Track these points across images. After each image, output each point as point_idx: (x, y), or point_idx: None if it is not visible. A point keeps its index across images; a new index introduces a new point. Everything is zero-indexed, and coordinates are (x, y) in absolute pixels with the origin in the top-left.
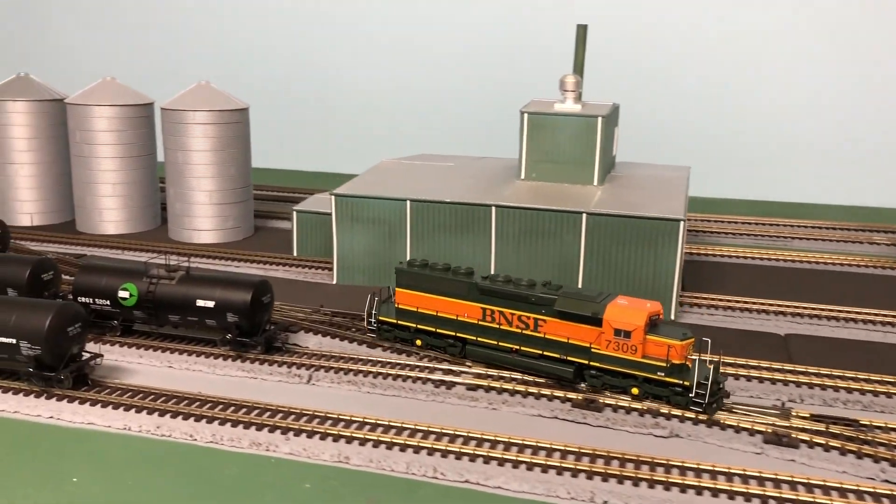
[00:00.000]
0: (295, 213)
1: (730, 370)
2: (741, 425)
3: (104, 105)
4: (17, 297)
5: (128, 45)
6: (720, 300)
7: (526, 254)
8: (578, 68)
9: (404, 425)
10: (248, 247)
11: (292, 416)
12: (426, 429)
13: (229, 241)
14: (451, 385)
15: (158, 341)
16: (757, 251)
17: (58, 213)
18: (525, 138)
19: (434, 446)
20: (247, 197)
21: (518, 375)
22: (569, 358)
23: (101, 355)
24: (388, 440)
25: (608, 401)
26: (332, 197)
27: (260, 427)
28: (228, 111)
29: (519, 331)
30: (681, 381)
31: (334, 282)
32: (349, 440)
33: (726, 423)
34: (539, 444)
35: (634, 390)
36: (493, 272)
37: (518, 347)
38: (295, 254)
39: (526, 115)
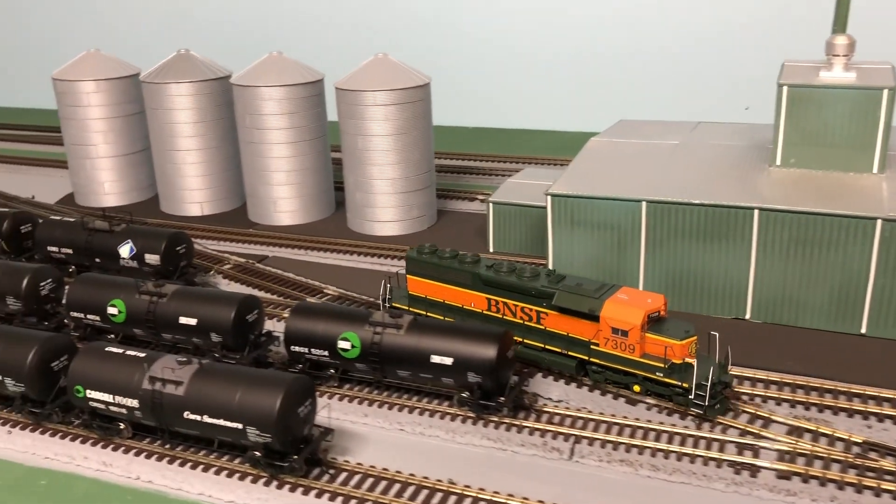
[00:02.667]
0: (490, 204)
1: None
2: None
3: (273, 86)
4: (241, 368)
5: (289, 15)
6: None
7: (796, 268)
8: (841, 23)
9: None
10: (436, 239)
11: None
12: None
13: (413, 231)
14: (755, 471)
15: (385, 395)
16: None
17: (227, 201)
18: (783, 116)
19: None
20: (430, 182)
21: (841, 455)
22: (570, 353)
23: (333, 430)
24: None
25: None
26: (549, 197)
27: None
28: (412, 88)
29: (522, 322)
30: (679, 383)
31: None
32: None
33: None
34: None
35: (636, 388)
36: (751, 289)
37: (522, 340)
38: (491, 249)
39: (786, 89)
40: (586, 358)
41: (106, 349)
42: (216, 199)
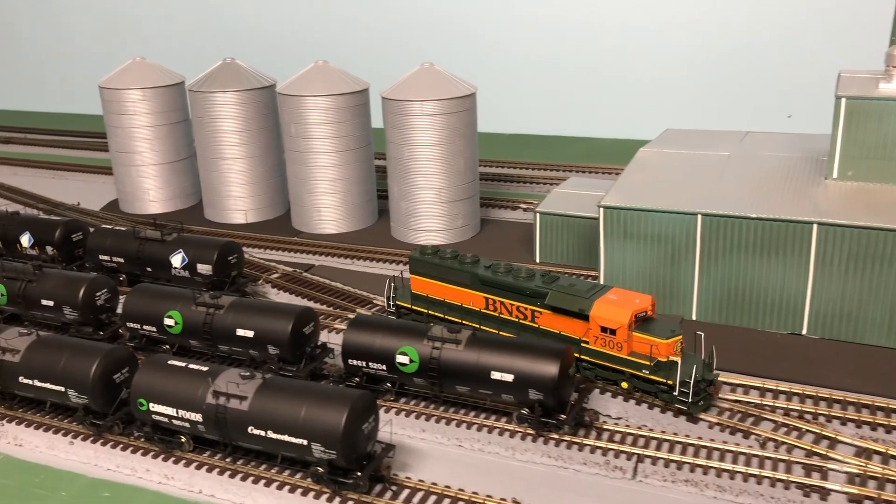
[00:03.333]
0: (538, 214)
1: None
2: None
3: (320, 95)
4: (304, 383)
5: (336, 26)
6: None
7: (854, 283)
8: None
9: None
10: (481, 249)
11: None
12: None
13: (457, 241)
14: (825, 493)
15: (442, 410)
16: None
17: (271, 209)
18: (841, 128)
19: None
20: (475, 191)
21: None
22: None
23: (394, 447)
24: None
25: None
26: (601, 209)
27: None
28: (458, 98)
29: (518, 321)
30: (664, 380)
31: None
32: None
33: None
34: None
35: (624, 384)
36: (808, 304)
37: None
38: (537, 259)
39: (844, 101)
40: (577, 355)
41: (168, 362)
42: (260, 206)
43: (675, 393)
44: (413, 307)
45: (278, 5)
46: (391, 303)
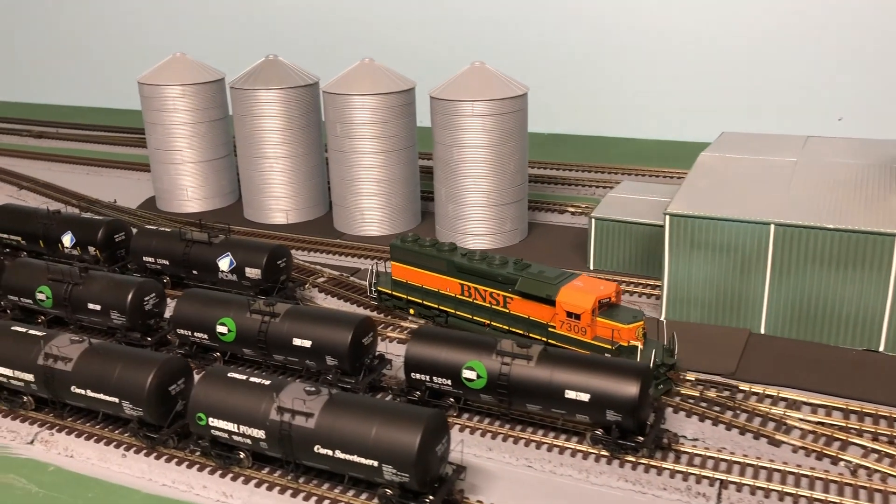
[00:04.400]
0: (593, 220)
1: None
2: None
3: (366, 94)
4: (372, 400)
5: (379, 22)
6: None
7: None
8: None
9: None
10: (530, 254)
11: None
12: None
13: (505, 245)
14: None
15: (508, 428)
16: None
17: (312, 209)
18: None
19: None
20: (524, 194)
21: None
22: (530, 335)
23: (466, 468)
24: None
25: None
26: (667, 217)
27: None
28: (511, 99)
29: (490, 306)
30: None
31: (662, 317)
32: None
33: None
34: None
35: None
36: (887, 320)
37: (489, 322)
38: (591, 266)
39: None
40: (545, 340)
41: (229, 375)
42: (301, 207)
43: None
44: (393, 293)
45: (320, 1)
46: (373, 289)
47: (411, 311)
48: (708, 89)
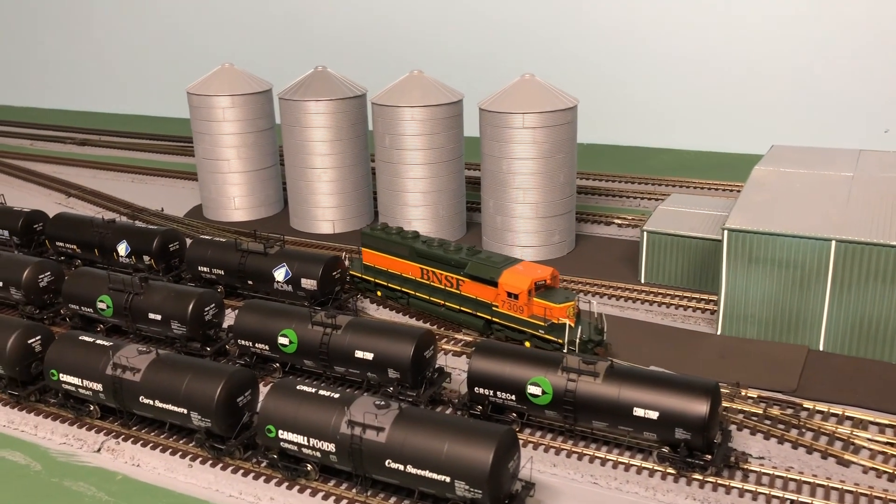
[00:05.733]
0: (645, 233)
1: None
2: None
3: (416, 106)
4: (443, 416)
5: (427, 36)
6: None
7: None
8: None
9: None
10: (578, 267)
11: None
12: None
13: (553, 257)
14: None
15: (572, 444)
16: None
17: (359, 219)
18: None
19: None
20: (572, 206)
21: None
22: (478, 314)
23: (534, 485)
24: None
25: None
26: (725, 231)
27: None
28: (561, 111)
29: (445, 288)
30: (556, 339)
31: (718, 332)
32: None
33: None
34: None
35: (527, 343)
36: None
37: (444, 302)
38: (642, 280)
39: None
40: (490, 318)
41: (297, 388)
42: (348, 217)
43: (565, 351)
44: (363, 276)
45: (366, 13)
46: (347, 274)
47: (378, 293)
48: (748, 100)
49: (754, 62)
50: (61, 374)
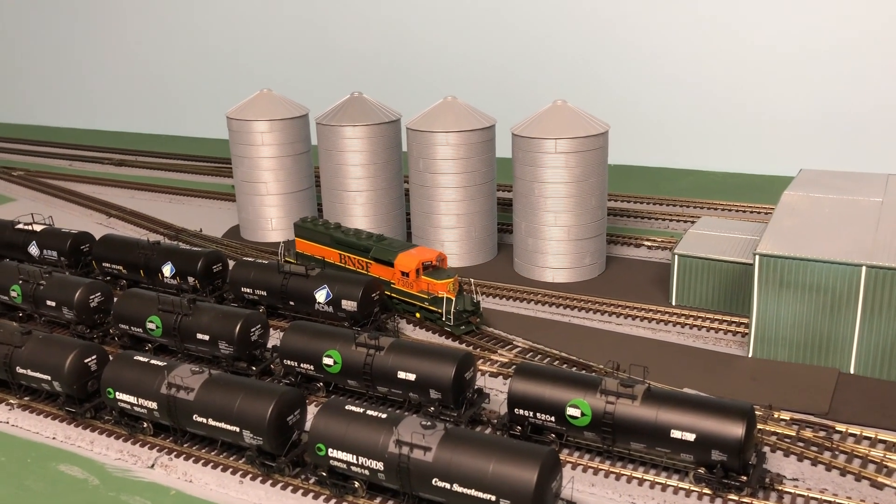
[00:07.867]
0: (676, 256)
1: None
2: None
3: (450, 131)
4: (487, 436)
5: (459, 61)
6: None
7: None
8: None
9: None
10: (609, 289)
11: None
12: None
13: (584, 279)
14: None
15: (610, 464)
16: None
17: None
18: None
19: None
20: (603, 229)
21: None
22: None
23: None
24: None
25: None
26: (756, 257)
27: None
28: (592, 137)
29: (358, 270)
30: (436, 309)
31: (749, 354)
32: None
33: None
34: None
35: (417, 314)
36: None
37: None
38: (673, 302)
39: None
40: (389, 293)
41: (346, 408)
42: None
43: (444, 319)
44: (297, 262)
45: (400, 40)
46: (282, 259)
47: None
48: (775, 122)
49: (780, 86)
50: (118, 393)
